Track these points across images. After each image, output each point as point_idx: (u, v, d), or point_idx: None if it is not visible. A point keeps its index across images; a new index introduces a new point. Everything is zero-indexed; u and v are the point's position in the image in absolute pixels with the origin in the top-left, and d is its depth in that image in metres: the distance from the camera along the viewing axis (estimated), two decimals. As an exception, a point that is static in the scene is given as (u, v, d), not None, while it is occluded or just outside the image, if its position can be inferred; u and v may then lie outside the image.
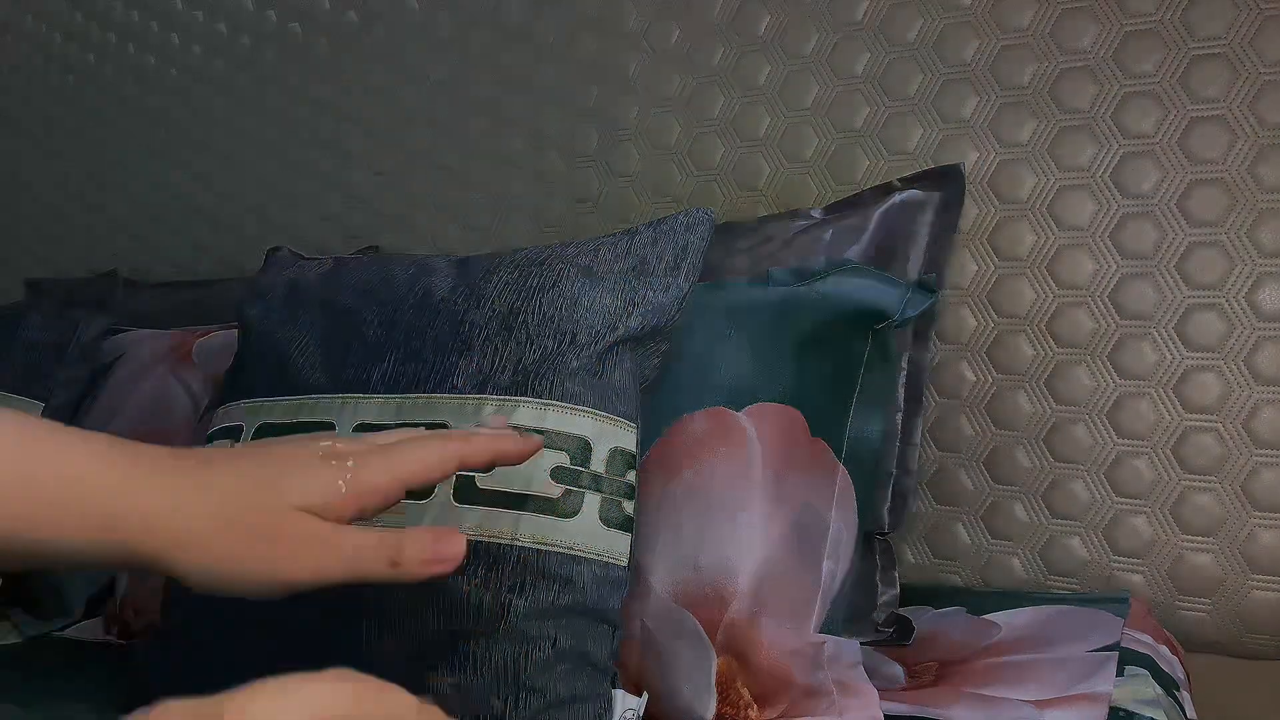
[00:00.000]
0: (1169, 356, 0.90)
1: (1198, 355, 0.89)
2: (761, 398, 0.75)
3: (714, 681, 0.69)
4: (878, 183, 0.99)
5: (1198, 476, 0.88)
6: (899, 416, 0.87)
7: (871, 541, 0.83)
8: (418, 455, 0.46)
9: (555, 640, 0.62)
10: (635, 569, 0.71)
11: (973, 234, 0.97)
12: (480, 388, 0.67)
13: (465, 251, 1.26)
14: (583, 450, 0.65)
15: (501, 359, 0.68)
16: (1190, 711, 0.75)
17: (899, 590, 0.83)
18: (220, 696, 0.30)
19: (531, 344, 0.68)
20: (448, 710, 0.36)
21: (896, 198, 0.91)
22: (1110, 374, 0.92)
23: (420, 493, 0.63)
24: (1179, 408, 0.89)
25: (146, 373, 1.17)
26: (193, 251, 1.49)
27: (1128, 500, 0.91)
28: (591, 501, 0.65)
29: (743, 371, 0.77)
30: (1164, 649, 0.80)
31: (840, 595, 0.73)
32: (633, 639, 0.71)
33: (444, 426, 0.66)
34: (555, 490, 0.64)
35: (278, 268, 0.89)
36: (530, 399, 0.66)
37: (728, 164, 1.09)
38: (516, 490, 0.64)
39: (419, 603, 0.63)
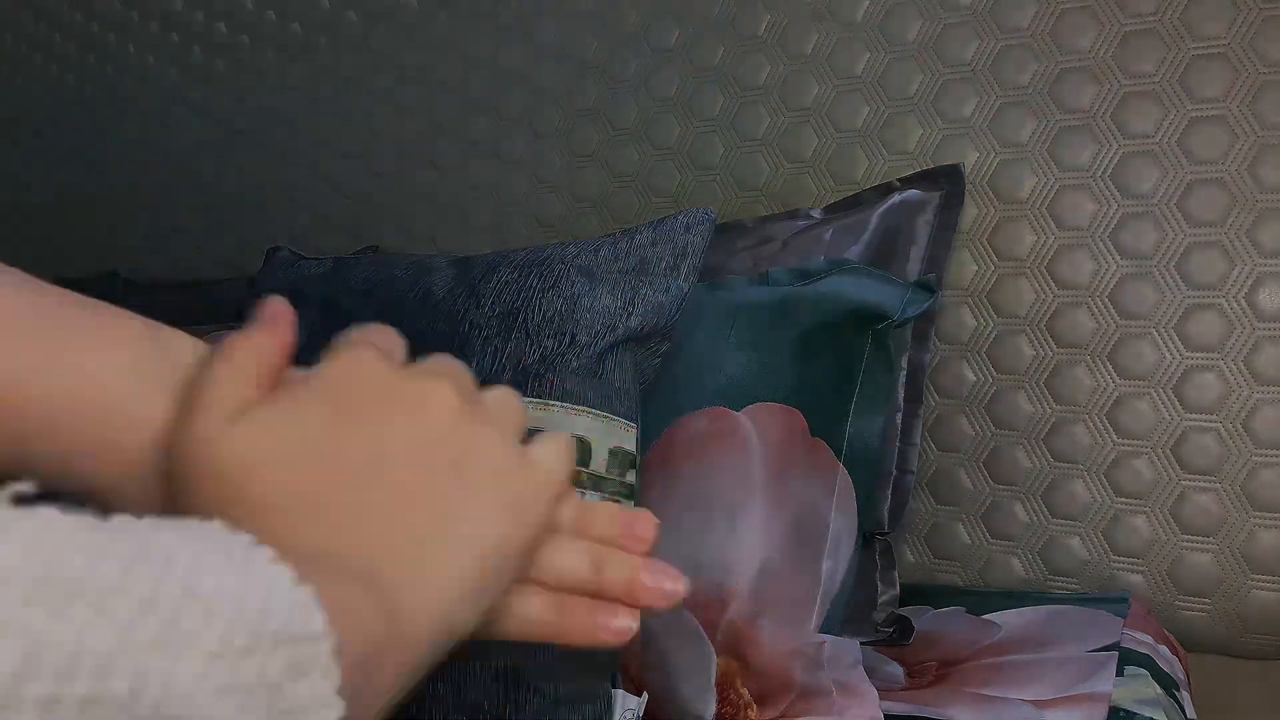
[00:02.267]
0: (1169, 356, 0.90)
1: (1198, 355, 0.89)
2: (761, 398, 0.75)
3: (714, 681, 0.69)
4: (878, 183, 0.99)
5: (1198, 476, 0.88)
6: (899, 416, 0.87)
7: (871, 541, 0.83)
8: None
9: (555, 640, 0.62)
10: (635, 569, 0.71)
11: (973, 234, 0.97)
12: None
13: (465, 251, 1.26)
14: (583, 450, 0.65)
15: (501, 359, 0.68)
16: (1190, 711, 0.75)
17: (899, 590, 0.83)
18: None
19: (531, 344, 0.68)
20: None
21: (896, 198, 0.91)
22: (1110, 374, 0.92)
23: None
24: (1179, 408, 0.89)
25: (146, 373, 1.16)
26: (193, 251, 1.49)
27: (1128, 500, 0.91)
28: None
29: (743, 371, 0.77)
30: (1164, 649, 0.80)
31: (840, 595, 0.73)
32: (633, 639, 0.71)
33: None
34: (555, 490, 0.64)
35: (278, 268, 0.89)
36: (530, 399, 0.66)
37: (727, 164, 1.09)
38: (516, 490, 0.64)
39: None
